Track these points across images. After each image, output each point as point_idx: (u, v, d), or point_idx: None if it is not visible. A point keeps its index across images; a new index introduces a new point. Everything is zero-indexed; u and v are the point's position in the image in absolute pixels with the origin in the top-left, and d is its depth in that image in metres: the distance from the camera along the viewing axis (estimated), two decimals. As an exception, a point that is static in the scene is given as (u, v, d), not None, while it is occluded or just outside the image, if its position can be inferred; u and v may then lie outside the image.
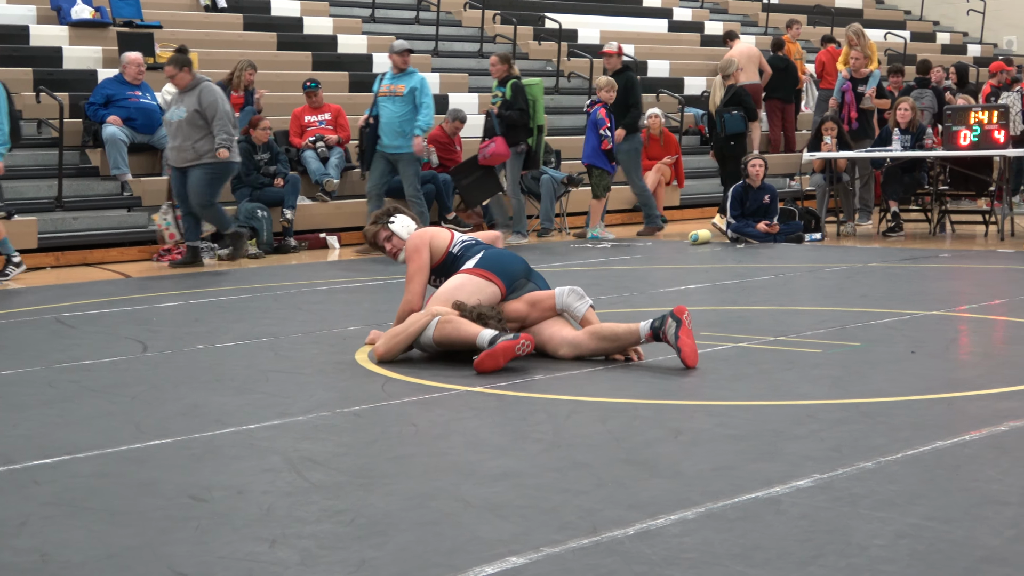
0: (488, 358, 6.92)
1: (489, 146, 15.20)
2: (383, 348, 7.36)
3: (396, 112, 14.38)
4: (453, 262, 7.70)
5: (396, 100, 14.41)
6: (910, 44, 27.27)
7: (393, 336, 7.35)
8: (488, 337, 7.04)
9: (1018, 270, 11.92)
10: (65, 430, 5.86)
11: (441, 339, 7.23)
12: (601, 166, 15.73)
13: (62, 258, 13.89)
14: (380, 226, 7.99)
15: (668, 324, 6.99)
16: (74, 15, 18.07)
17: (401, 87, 14.43)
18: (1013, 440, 5.31)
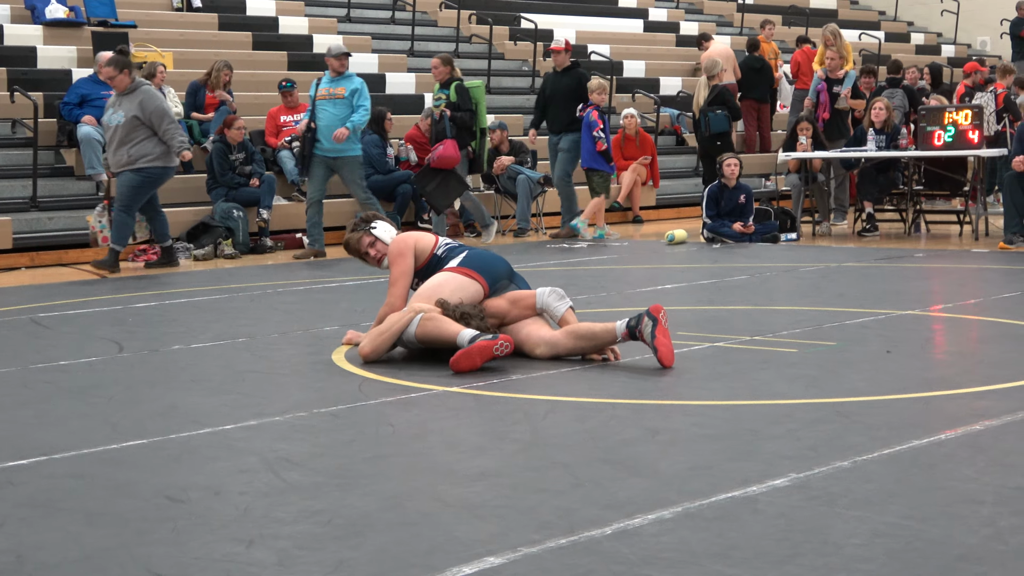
0: (464, 357, 6.91)
1: (437, 148, 14.94)
2: (369, 347, 7.33)
3: (337, 115, 13.92)
4: (437, 264, 7.69)
5: (336, 103, 13.98)
6: (884, 44, 27.37)
7: (378, 335, 7.33)
8: (468, 337, 7.04)
9: (992, 269, 11.97)
10: (40, 431, 5.84)
11: (423, 336, 7.22)
12: (600, 168, 15.81)
13: (37, 258, 13.83)
14: (362, 232, 7.91)
15: (644, 323, 7.00)
16: (48, 14, 18.01)
17: (341, 90, 13.99)
18: (989, 439, 5.33)
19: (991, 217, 15.88)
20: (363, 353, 7.33)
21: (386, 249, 7.84)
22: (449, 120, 15.06)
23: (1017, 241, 13.62)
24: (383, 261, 7.86)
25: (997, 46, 29.50)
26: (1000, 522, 4.19)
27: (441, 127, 15.12)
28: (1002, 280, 11.27)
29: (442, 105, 15.13)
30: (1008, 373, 6.73)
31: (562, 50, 15.92)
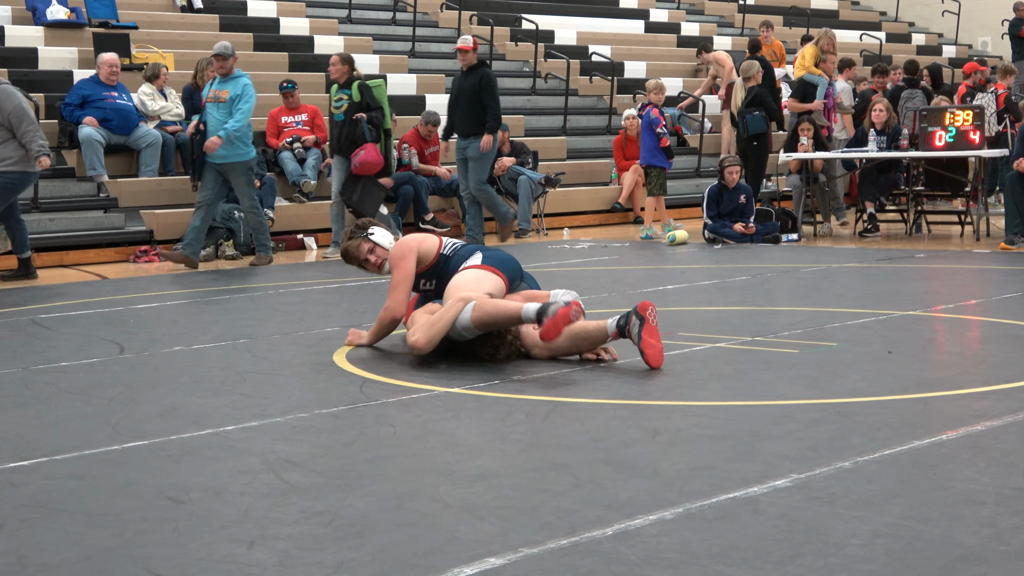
0: (553, 326, 6.91)
1: (359, 154, 14.23)
2: (425, 339, 7.21)
3: (221, 119, 13.15)
4: (446, 263, 7.68)
5: (219, 107, 13.22)
6: (885, 45, 27.38)
7: (431, 326, 7.23)
8: (533, 309, 7.04)
9: (994, 270, 11.97)
10: (41, 432, 5.84)
11: (481, 319, 7.15)
12: (660, 164, 15.90)
13: (38, 259, 13.81)
14: (360, 239, 7.89)
15: (632, 322, 6.99)
16: (49, 16, 18.01)
17: (224, 93, 13.23)
18: (989, 440, 5.33)
19: (992, 218, 15.88)
20: (419, 345, 7.22)
21: (386, 254, 7.84)
22: (367, 124, 14.25)
23: (1018, 241, 13.61)
24: (384, 266, 7.85)
25: (998, 46, 29.49)
26: (1001, 522, 4.19)
27: (359, 132, 14.25)
28: (1003, 281, 11.27)
29: (344, 106, 14.28)
30: (1009, 373, 6.73)
31: (469, 49, 15.05)
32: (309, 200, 15.91)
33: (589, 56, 22.49)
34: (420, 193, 16.11)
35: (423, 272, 7.72)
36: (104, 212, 14.83)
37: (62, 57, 17.37)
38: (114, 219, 14.70)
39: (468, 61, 15.07)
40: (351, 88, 14.26)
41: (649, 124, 15.85)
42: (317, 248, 15.21)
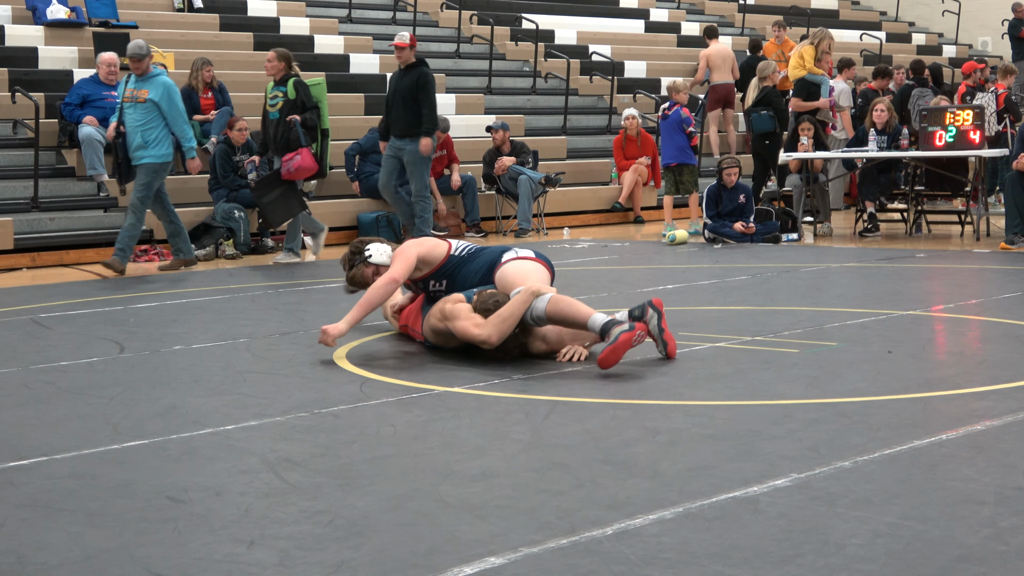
0: (611, 354, 6.89)
1: (294, 159, 13.46)
2: (496, 334, 7.18)
3: (138, 120, 12.69)
4: (460, 264, 7.68)
5: (138, 107, 12.72)
6: (886, 45, 27.37)
7: (502, 321, 7.19)
8: (601, 322, 7.07)
9: (993, 270, 11.97)
10: (41, 431, 5.84)
11: (554, 313, 7.19)
12: (690, 162, 16.08)
13: (38, 259, 13.84)
14: (361, 265, 7.85)
15: (649, 314, 7.17)
16: (50, 15, 18.01)
17: (144, 92, 12.70)
18: (989, 439, 5.33)
19: (992, 217, 15.88)
20: (491, 341, 7.19)
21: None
22: (301, 127, 13.49)
23: (1018, 241, 13.61)
24: None
25: (998, 46, 29.48)
26: (1001, 522, 4.19)
27: (295, 134, 13.49)
28: (1003, 280, 11.27)
29: (278, 104, 13.62)
30: (1009, 373, 6.73)
31: (406, 46, 14.52)
32: (309, 199, 15.90)
33: (589, 56, 22.49)
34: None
35: (432, 274, 7.73)
36: (104, 212, 14.83)
37: (62, 57, 17.37)
38: (114, 219, 14.69)
39: (405, 59, 14.57)
40: (287, 85, 13.60)
41: (679, 123, 16.01)
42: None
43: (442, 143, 16.73)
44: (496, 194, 17.10)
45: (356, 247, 7.94)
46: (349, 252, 7.95)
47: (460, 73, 21.20)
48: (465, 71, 21.45)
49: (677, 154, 16.05)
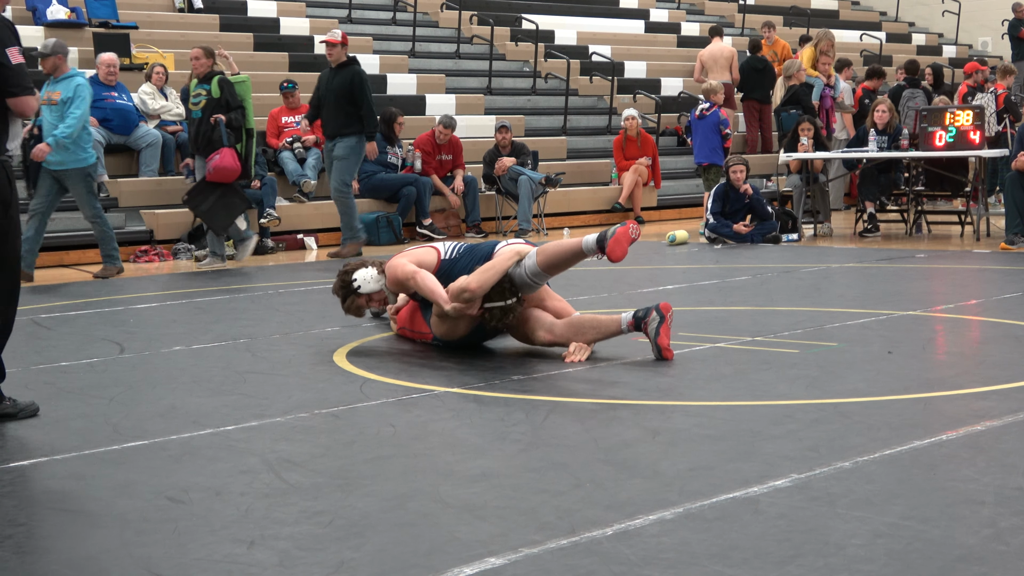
0: (616, 245, 7.16)
1: (213, 158, 12.93)
2: (476, 283, 7.23)
3: (52, 123, 12.26)
4: (452, 264, 7.68)
5: (52, 109, 12.27)
6: (886, 45, 27.37)
7: (484, 272, 7.26)
8: (593, 239, 7.23)
9: (994, 270, 11.97)
10: (41, 432, 5.84)
11: (546, 260, 7.31)
12: (719, 163, 16.28)
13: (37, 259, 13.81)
14: (354, 297, 7.90)
15: (652, 317, 7.24)
16: (50, 16, 18.01)
17: (56, 94, 12.24)
18: (989, 440, 5.33)
19: (992, 218, 15.88)
20: (471, 287, 7.24)
21: (383, 293, 7.90)
22: (225, 126, 13.01)
23: (1018, 241, 13.61)
24: (388, 299, 7.99)
25: (998, 47, 29.48)
26: (1001, 523, 4.19)
27: (217, 135, 13.02)
28: (1003, 281, 11.27)
29: (201, 102, 13.15)
30: (1009, 374, 6.73)
31: (337, 43, 14.10)
32: (309, 200, 15.91)
33: (589, 56, 22.49)
34: (423, 195, 16.10)
35: None
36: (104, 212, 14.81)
37: (62, 57, 17.34)
38: (114, 219, 14.67)
39: (336, 57, 14.16)
40: (211, 83, 13.13)
41: (716, 124, 16.36)
42: (317, 248, 15.22)
43: (449, 146, 16.73)
44: (496, 194, 17.10)
45: (343, 280, 7.97)
46: (339, 286, 7.98)
47: (460, 73, 21.20)
48: (465, 71, 21.45)
49: (710, 154, 16.44)
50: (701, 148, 16.57)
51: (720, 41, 21.70)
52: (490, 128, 18.19)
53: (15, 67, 5.92)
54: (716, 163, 16.37)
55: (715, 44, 21.65)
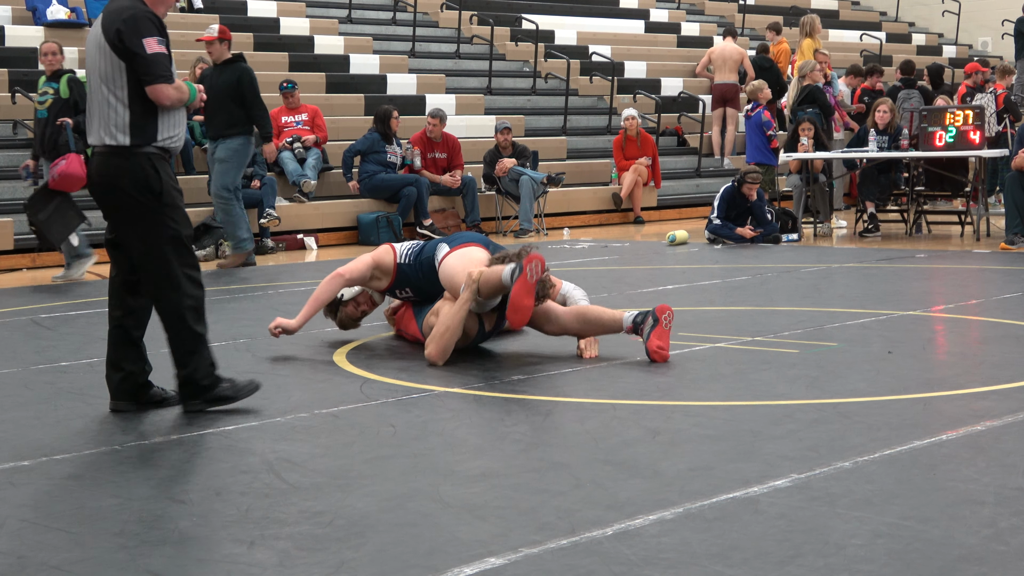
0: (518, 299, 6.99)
1: (59, 164, 11.78)
2: (437, 351, 7.22)
3: None
4: (411, 271, 7.74)
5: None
6: (886, 45, 27.37)
7: (441, 336, 7.24)
8: (508, 272, 7.11)
9: (993, 270, 11.97)
10: (41, 432, 5.84)
11: (485, 291, 7.22)
12: (767, 162, 16.55)
13: (38, 259, 13.83)
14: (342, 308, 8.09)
15: (647, 322, 7.20)
16: (50, 15, 18.00)
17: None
18: (989, 440, 5.33)
19: (992, 218, 15.88)
20: (433, 356, 7.23)
21: (366, 294, 8.06)
22: (72, 130, 12.00)
23: (1018, 241, 13.61)
24: (374, 299, 8.08)
25: (998, 46, 29.48)
26: (1001, 523, 4.19)
27: (63, 138, 12.03)
28: (1003, 281, 11.27)
29: (47, 102, 12.34)
30: (1009, 374, 6.73)
31: (214, 39, 13.04)
32: (309, 200, 15.91)
33: (589, 56, 22.49)
34: (423, 195, 16.09)
35: (392, 284, 7.87)
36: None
37: (62, 57, 17.34)
38: (114, 219, 14.67)
39: (218, 55, 13.07)
40: (59, 82, 12.35)
41: (760, 124, 16.63)
42: (317, 248, 15.22)
43: (443, 145, 16.73)
44: (496, 194, 17.10)
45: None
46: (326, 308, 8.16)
47: (460, 73, 21.20)
48: (465, 71, 21.45)
49: (754, 153, 16.66)
50: (748, 148, 16.92)
51: (732, 41, 21.68)
52: (490, 128, 18.19)
53: (150, 56, 6.09)
54: (762, 162, 16.59)
55: (726, 43, 21.64)
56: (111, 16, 6.14)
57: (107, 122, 6.10)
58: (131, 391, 6.24)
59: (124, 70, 6.09)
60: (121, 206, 6.13)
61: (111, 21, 6.11)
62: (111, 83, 6.10)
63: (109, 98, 6.09)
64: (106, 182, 6.12)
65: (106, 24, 6.13)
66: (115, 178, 6.09)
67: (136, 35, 6.07)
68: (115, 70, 6.10)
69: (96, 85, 6.14)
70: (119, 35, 6.06)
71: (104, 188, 6.15)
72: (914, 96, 18.72)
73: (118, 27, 6.08)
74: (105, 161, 6.12)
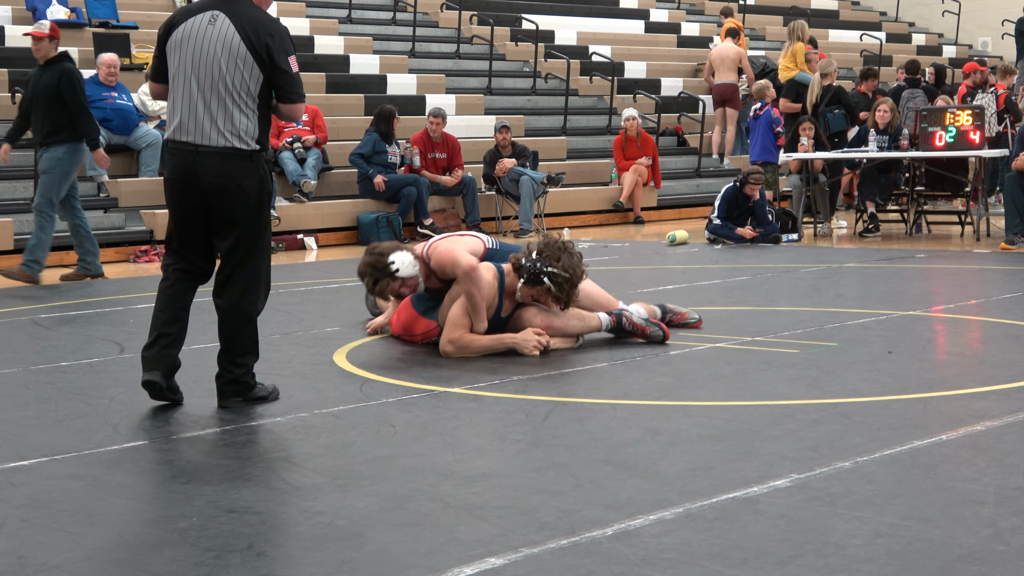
0: None
1: None
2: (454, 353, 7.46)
3: None
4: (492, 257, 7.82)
5: None
6: (886, 45, 27.37)
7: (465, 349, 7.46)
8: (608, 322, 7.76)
9: (993, 270, 11.97)
10: (41, 432, 5.84)
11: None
12: (775, 161, 16.72)
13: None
14: (388, 280, 7.67)
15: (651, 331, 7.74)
16: (50, 16, 17.98)
17: None
18: (989, 440, 5.33)
19: (992, 218, 15.88)
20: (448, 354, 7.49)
21: (416, 279, 7.72)
22: None
23: (1018, 242, 13.61)
24: (419, 285, 7.80)
25: (998, 47, 29.48)
26: (1001, 523, 4.19)
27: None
28: (1003, 281, 11.27)
29: None
30: (1009, 374, 6.74)
31: (44, 36, 11.92)
32: (309, 200, 15.91)
33: (589, 56, 22.49)
34: (423, 194, 16.09)
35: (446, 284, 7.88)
36: (104, 212, 14.82)
37: (62, 57, 17.33)
38: (114, 219, 14.70)
39: (44, 53, 11.89)
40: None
41: (769, 123, 16.82)
42: (317, 248, 15.22)
43: (443, 145, 16.73)
44: (496, 194, 17.10)
45: (378, 261, 7.70)
46: (370, 267, 7.72)
47: (460, 73, 21.20)
48: (465, 71, 21.45)
49: (763, 152, 16.80)
50: (754, 147, 17.09)
51: (726, 42, 21.60)
52: (490, 128, 18.20)
53: (295, 75, 6.19)
54: (769, 160, 16.71)
55: (724, 44, 21.53)
56: (254, 26, 6.10)
57: (232, 125, 6.10)
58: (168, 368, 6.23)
59: (260, 81, 6.12)
60: (236, 205, 6.16)
61: (256, 32, 6.09)
62: (240, 89, 6.09)
63: (239, 103, 6.10)
64: (227, 182, 6.12)
65: (249, 33, 6.08)
66: (239, 178, 6.13)
67: (284, 53, 6.12)
68: (251, 79, 6.10)
69: (213, 85, 6.09)
70: (268, 51, 6.07)
71: (222, 187, 6.13)
72: (918, 96, 18.73)
73: (267, 41, 6.07)
74: (226, 162, 6.12)
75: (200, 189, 6.15)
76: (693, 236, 15.24)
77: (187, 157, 6.14)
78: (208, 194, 6.16)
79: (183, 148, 6.17)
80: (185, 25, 6.18)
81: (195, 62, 6.13)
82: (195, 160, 6.13)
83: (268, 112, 6.25)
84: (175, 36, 6.20)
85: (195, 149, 6.13)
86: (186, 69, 6.15)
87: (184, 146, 6.16)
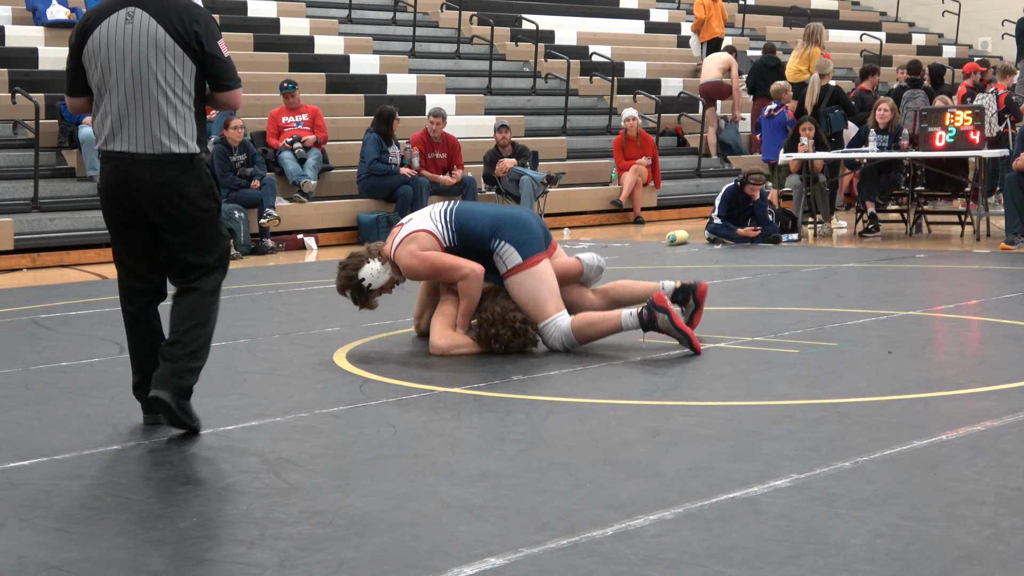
0: None
1: None
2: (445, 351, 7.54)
3: None
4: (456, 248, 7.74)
5: None
6: (886, 45, 27.37)
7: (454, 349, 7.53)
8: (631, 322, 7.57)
9: (993, 270, 11.97)
10: (41, 432, 5.84)
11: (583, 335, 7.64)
12: None
13: (38, 259, 13.84)
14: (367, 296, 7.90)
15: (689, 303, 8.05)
16: (50, 16, 18.01)
17: None
18: (989, 440, 5.33)
19: (992, 218, 15.87)
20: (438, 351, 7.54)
21: (392, 281, 7.89)
22: None
23: (1018, 242, 13.61)
24: (397, 281, 7.95)
25: (998, 47, 29.48)
26: (1001, 523, 4.19)
27: None
28: (1003, 281, 11.27)
29: None
30: (1009, 374, 6.73)
31: None
32: (309, 200, 15.92)
33: (589, 56, 22.49)
34: (420, 194, 16.08)
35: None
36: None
37: (62, 57, 17.14)
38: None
39: None
40: None
41: (784, 124, 16.95)
42: (317, 248, 15.22)
43: (443, 145, 16.73)
44: (496, 194, 17.10)
45: (351, 282, 7.88)
46: (347, 287, 7.92)
47: (460, 74, 21.20)
48: (465, 71, 21.46)
49: (777, 153, 16.77)
50: (769, 147, 17.09)
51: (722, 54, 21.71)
52: (490, 128, 18.20)
53: (227, 60, 5.81)
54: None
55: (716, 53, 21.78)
56: (177, 14, 5.68)
57: (167, 127, 5.68)
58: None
59: (194, 73, 5.72)
60: (183, 215, 5.73)
61: (180, 21, 5.67)
62: (174, 86, 5.68)
63: (173, 102, 5.68)
64: (167, 191, 5.68)
65: (174, 23, 5.66)
66: (181, 186, 5.69)
67: (214, 37, 5.74)
68: (184, 72, 5.70)
69: (143, 85, 5.66)
70: (197, 38, 5.68)
71: (164, 196, 5.69)
72: (919, 96, 18.73)
73: (195, 28, 5.68)
74: (163, 169, 5.68)
75: (138, 201, 5.71)
76: (693, 236, 15.24)
77: (121, 166, 5.71)
78: (149, 205, 5.72)
79: (116, 157, 5.71)
80: (100, 29, 5.73)
81: (119, 65, 5.67)
82: (131, 169, 5.69)
83: (203, 107, 5.84)
84: (91, 43, 5.75)
85: (130, 157, 5.69)
86: (110, 75, 5.69)
87: (118, 155, 5.71)
